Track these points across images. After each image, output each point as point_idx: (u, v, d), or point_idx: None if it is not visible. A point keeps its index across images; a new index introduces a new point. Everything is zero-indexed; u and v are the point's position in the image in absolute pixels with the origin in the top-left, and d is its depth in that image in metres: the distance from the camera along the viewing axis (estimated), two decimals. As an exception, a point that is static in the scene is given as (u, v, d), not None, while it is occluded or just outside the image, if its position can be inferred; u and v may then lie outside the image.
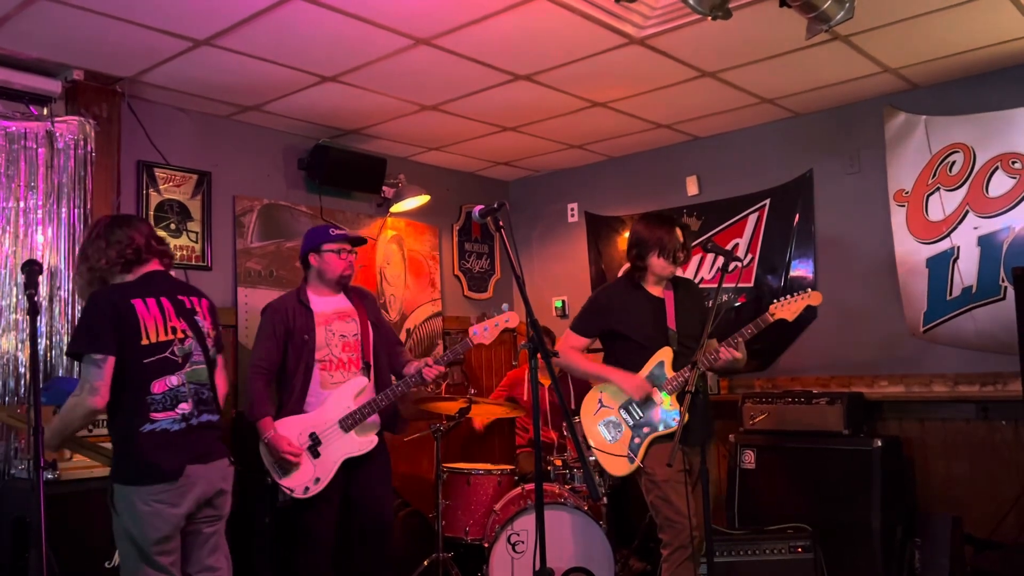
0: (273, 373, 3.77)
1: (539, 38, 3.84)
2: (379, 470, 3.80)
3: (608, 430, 3.55)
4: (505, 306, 3.99)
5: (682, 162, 5.63)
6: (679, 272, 3.72)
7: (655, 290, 3.64)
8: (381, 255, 5.63)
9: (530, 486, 4.25)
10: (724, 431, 4.68)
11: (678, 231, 3.59)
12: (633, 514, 4.98)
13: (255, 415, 3.69)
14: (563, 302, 6.24)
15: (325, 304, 3.88)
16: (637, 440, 3.46)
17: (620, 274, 4.46)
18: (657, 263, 3.56)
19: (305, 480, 3.63)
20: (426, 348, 5.84)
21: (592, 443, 3.58)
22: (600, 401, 3.61)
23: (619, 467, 3.50)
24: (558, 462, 4.49)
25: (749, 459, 4.61)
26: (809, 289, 3.62)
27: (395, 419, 3.94)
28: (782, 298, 3.51)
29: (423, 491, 5.24)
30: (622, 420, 3.53)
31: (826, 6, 2.75)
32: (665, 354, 3.50)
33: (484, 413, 5.04)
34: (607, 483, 4.41)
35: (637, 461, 3.42)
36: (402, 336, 5.69)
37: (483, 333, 3.76)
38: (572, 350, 3.68)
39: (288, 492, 3.63)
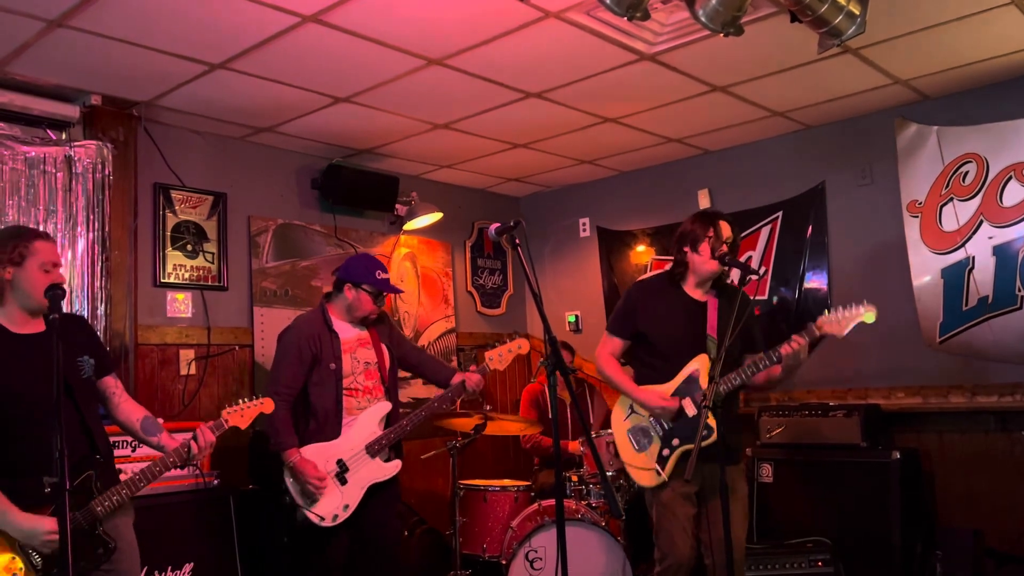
0: (295, 399, 3.68)
1: (550, 56, 3.87)
2: (391, 494, 3.80)
3: (637, 439, 3.33)
4: (516, 334, 4.05)
5: (693, 176, 5.65)
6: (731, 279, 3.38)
7: (695, 292, 3.35)
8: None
9: (547, 502, 4.25)
10: (741, 445, 4.67)
11: (723, 224, 3.29)
12: (652, 529, 4.96)
13: (281, 445, 3.58)
14: (576, 317, 6.26)
15: (349, 331, 3.83)
16: (666, 452, 3.24)
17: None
18: (695, 259, 3.28)
19: (334, 508, 3.60)
20: (440, 365, 5.85)
21: (620, 452, 3.39)
22: (631, 407, 3.39)
23: (647, 479, 3.29)
24: (574, 477, 4.48)
25: (766, 473, 4.59)
26: (865, 302, 3.08)
27: (398, 443, 3.92)
28: (832, 310, 3.09)
29: (439, 508, 5.24)
30: (652, 428, 3.30)
31: (837, 21, 2.77)
32: (700, 362, 3.24)
33: (500, 430, 5.04)
34: (625, 498, 4.41)
35: (664, 474, 3.21)
36: (416, 353, 5.71)
37: (498, 359, 3.90)
38: (608, 356, 3.45)
39: (318, 521, 3.58)
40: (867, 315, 3.07)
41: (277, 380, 3.69)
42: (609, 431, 4.54)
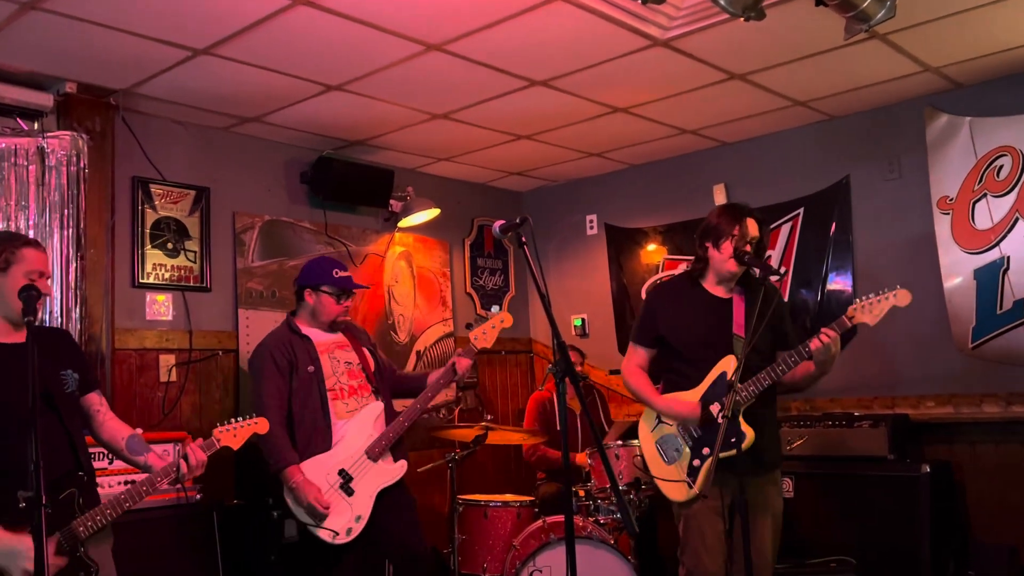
0: (286, 411, 3.70)
1: (557, 41, 3.87)
2: (403, 495, 3.80)
3: (666, 450, 3.33)
4: (496, 308, 4.10)
5: (709, 170, 5.65)
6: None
7: (717, 290, 3.37)
8: (389, 273, 5.66)
9: (551, 519, 4.24)
10: (778, 454, 4.64)
11: (751, 222, 3.29)
12: (663, 546, 4.96)
13: (282, 462, 3.58)
14: (583, 320, 6.25)
15: (321, 335, 3.89)
16: (697, 462, 3.22)
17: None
18: (716, 256, 3.31)
19: (346, 522, 3.59)
20: (437, 371, 5.84)
21: (649, 465, 3.39)
22: (658, 417, 3.39)
23: (678, 492, 3.28)
24: (581, 492, 4.48)
25: (787, 487, 4.58)
26: (898, 287, 3.09)
27: (399, 444, 3.92)
28: (862, 298, 3.13)
29: (436, 524, 5.23)
30: (682, 438, 3.30)
31: (865, 5, 2.77)
32: (727, 364, 3.22)
33: (501, 441, 5.04)
34: (635, 514, 4.39)
35: (696, 487, 3.19)
36: (412, 359, 5.71)
37: (483, 337, 3.94)
38: (634, 368, 3.46)
39: (331, 539, 3.57)
40: (900, 298, 3.07)
41: (261, 395, 3.70)
42: (618, 442, 4.55)
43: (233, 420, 2.89)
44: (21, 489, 2.19)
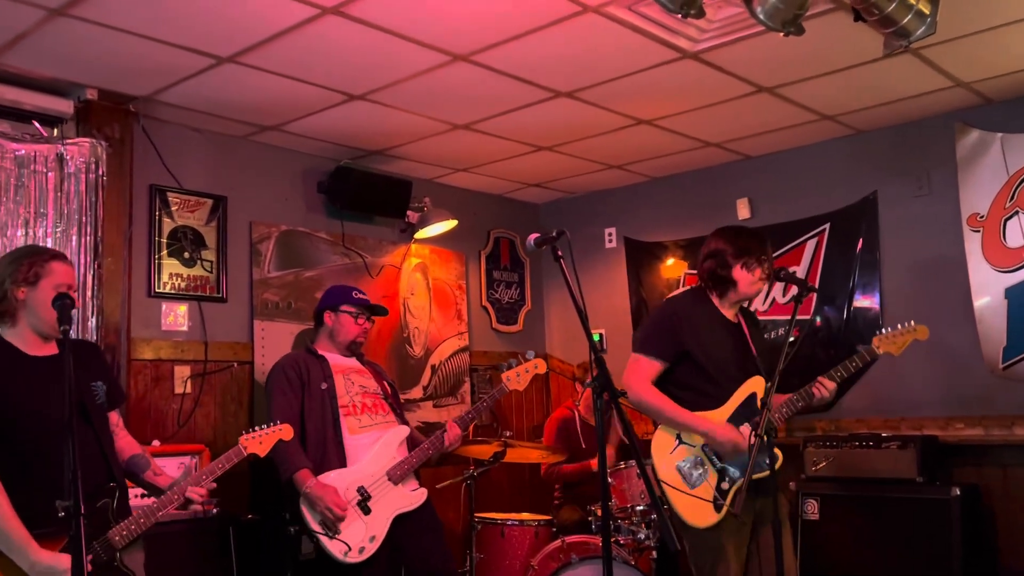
0: (297, 426, 3.73)
1: (586, 53, 3.92)
2: (430, 519, 3.84)
3: (689, 471, 3.29)
4: (531, 353, 4.17)
5: (732, 183, 5.68)
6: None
7: (728, 313, 3.43)
8: (405, 285, 5.69)
9: (571, 538, 4.26)
10: (784, 479, 4.66)
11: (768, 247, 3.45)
12: (683, 564, 4.96)
13: (292, 466, 3.63)
14: (601, 335, 6.27)
15: (338, 358, 4.02)
16: (726, 484, 3.21)
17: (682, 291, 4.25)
18: (746, 278, 3.35)
19: (360, 539, 3.62)
20: (452, 387, 5.88)
21: (668, 486, 3.30)
22: (679, 436, 3.33)
23: (702, 515, 3.21)
24: (599, 512, 4.49)
25: (812, 509, 4.60)
26: (912, 322, 3.41)
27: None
28: (884, 330, 3.41)
29: (450, 543, 5.25)
30: (707, 459, 3.27)
31: (906, 20, 2.82)
32: (756, 384, 3.27)
33: (519, 458, 5.07)
34: (656, 533, 4.40)
35: (726, 507, 3.14)
36: (427, 373, 5.74)
37: (516, 380, 4.09)
38: (647, 382, 3.34)
39: (342, 555, 3.60)
40: (920, 333, 3.40)
41: (274, 410, 3.79)
42: (630, 462, 4.54)
43: (258, 427, 3.00)
44: (58, 499, 2.24)
